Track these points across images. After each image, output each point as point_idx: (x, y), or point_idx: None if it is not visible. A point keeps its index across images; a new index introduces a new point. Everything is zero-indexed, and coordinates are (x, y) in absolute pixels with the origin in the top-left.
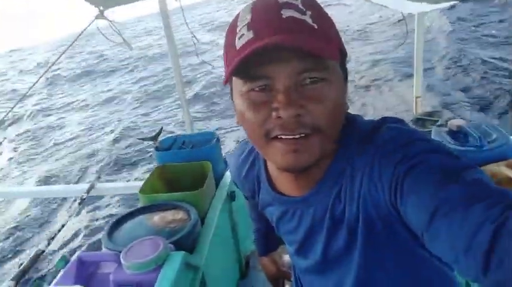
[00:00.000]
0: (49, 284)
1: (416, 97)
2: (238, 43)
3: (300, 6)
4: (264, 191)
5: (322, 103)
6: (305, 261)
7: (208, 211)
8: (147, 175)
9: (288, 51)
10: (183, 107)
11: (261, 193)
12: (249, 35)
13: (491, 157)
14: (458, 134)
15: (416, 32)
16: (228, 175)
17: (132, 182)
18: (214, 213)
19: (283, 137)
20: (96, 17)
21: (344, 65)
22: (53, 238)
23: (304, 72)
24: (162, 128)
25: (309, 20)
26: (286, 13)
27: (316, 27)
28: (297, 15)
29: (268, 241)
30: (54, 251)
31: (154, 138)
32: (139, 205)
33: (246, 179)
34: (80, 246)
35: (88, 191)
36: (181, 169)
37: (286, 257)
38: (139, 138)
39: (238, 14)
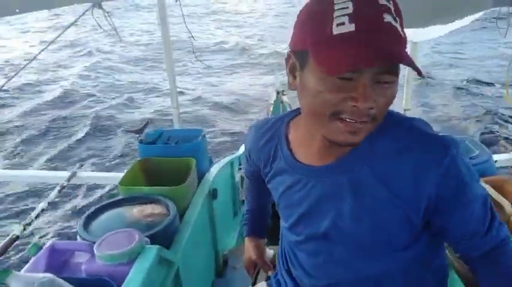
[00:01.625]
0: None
1: (405, 110)
2: (337, 30)
3: (393, 12)
4: (282, 160)
5: (388, 100)
6: (306, 230)
7: (188, 207)
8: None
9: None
10: (172, 102)
11: (276, 162)
12: (350, 27)
13: None
14: None
15: (409, 45)
16: (211, 173)
17: (115, 173)
18: (194, 210)
19: (348, 119)
20: (93, 6)
21: None
22: (28, 224)
23: (384, 73)
24: (148, 121)
25: (399, 29)
26: (387, 18)
27: (403, 35)
28: (393, 22)
29: (257, 224)
30: (29, 238)
31: (140, 131)
32: (119, 196)
33: (262, 149)
34: (56, 234)
35: (69, 179)
36: (164, 164)
37: (269, 252)
38: (125, 130)
39: None
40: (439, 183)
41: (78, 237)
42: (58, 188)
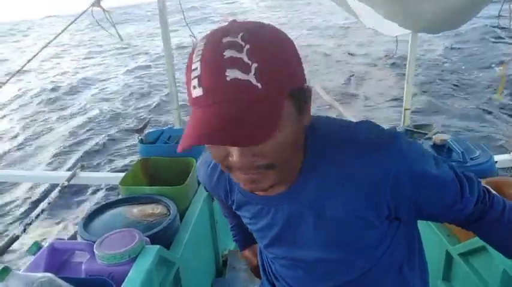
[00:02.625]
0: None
1: (406, 109)
2: (194, 93)
3: (246, 58)
4: (239, 192)
5: (274, 147)
6: (280, 251)
7: (188, 207)
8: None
9: None
10: (172, 101)
11: (235, 195)
12: (199, 92)
13: (473, 173)
14: (442, 148)
15: (409, 45)
16: None
17: (115, 173)
18: (195, 210)
19: (239, 172)
20: (92, 5)
21: (300, 96)
22: (29, 224)
23: None
24: (148, 120)
25: (253, 80)
26: (231, 74)
27: (260, 86)
28: (241, 76)
29: (246, 235)
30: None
31: (140, 130)
32: (119, 196)
33: (217, 185)
34: (57, 234)
35: (69, 179)
36: (165, 164)
37: None
38: (125, 129)
39: (193, 50)
40: (394, 195)
41: (78, 237)
42: (59, 188)
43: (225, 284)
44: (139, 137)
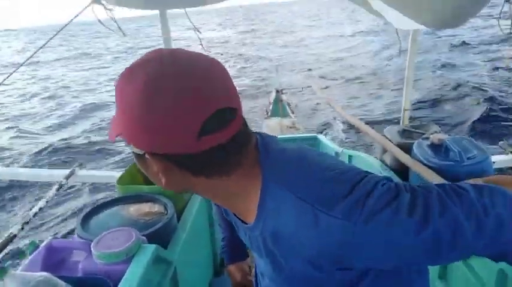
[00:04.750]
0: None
1: (405, 109)
2: None
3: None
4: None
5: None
6: (258, 269)
7: (186, 207)
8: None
9: None
10: None
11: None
12: None
13: (469, 173)
14: (439, 148)
15: (409, 45)
16: None
17: (113, 171)
18: (192, 209)
19: None
20: (92, 2)
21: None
22: (27, 223)
23: None
24: None
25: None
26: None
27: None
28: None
29: (235, 250)
30: (28, 236)
31: None
32: (117, 195)
33: None
34: (54, 232)
35: (67, 178)
36: None
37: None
38: None
39: None
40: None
41: (75, 235)
42: (56, 186)
43: (222, 284)
44: None
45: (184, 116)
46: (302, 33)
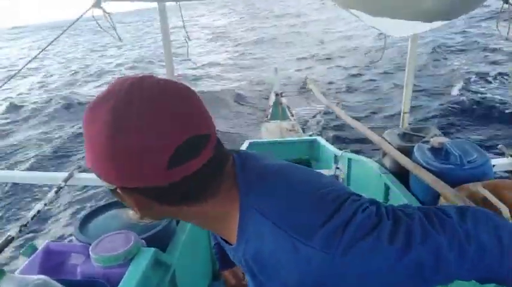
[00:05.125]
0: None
1: (404, 113)
2: None
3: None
4: None
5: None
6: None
7: None
8: None
9: None
10: None
11: None
12: None
13: (470, 176)
14: (439, 152)
15: (409, 48)
16: None
17: None
18: None
19: None
20: (93, 6)
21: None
22: (25, 225)
23: None
24: None
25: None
26: None
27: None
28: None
29: (226, 257)
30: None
31: None
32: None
33: None
34: (53, 235)
35: (66, 180)
36: None
37: None
38: None
39: None
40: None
41: (74, 238)
42: (55, 189)
43: None
44: None
45: (150, 150)
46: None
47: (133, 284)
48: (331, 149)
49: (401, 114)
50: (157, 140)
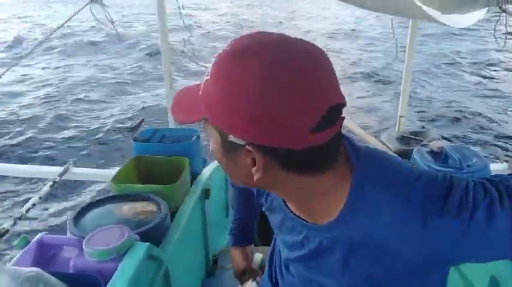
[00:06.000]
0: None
1: (401, 116)
2: None
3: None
4: (275, 201)
5: (214, 154)
6: (301, 267)
7: (180, 206)
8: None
9: None
10: (168, 101)
11: (270, 199)
12: None
13: None
14: (438, 155)
15: (407, 53)
16: (204, 173)
17: (108, 169)
18: (186, 209)
19: None
20: (92, 1)
21: (225, 139)
22: (19, 218)
23: None
24: (143, 119)
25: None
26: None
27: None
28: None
29: (245, 233)
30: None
31: (133, 129)
32: (111, 193)
33: None
34: (47, 229)
35: (61, 175)
36: (158, 162)
37: (257, 256)
38: (118, 127)
39: None
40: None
41: (67, 232)
42: (50, 183)
43: (214, 284)
44: (133, 135)
45: (303, 111)
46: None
47: (126, 278)
48: None
49: (398, 117)
50: (309, 103)
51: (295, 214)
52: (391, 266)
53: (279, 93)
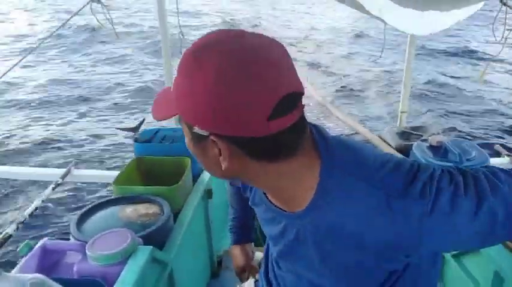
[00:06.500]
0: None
1: (402, 112)
2: None
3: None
4: (257, 194)
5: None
6: (288, 261)
7: (183, 207)
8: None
9: None
10: None
11: (253, 192)
12: None
13: None
14: (438, 150)
15: (407, 47)
16: (206, 173)
17: (109, 171)
18: (189, 210)
19: None
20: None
21: (195, 134)
22: (22, 222)
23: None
24: (144, 119)
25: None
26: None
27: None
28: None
29: (244, 230)
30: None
31: (134, 129)
32: (113, 195)
33: None
34: (50, 233)
35: (63, 177)
36: (160, 163)
37: (258, 255)
38: (118, 128)
39: None
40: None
41: (70, 236)
42: (52, 185)
43: (219, 285)
44: (134, 136)
45: (257, 99)
46: None
47: (131, 282)
48: None
49: (399, 113)
50: (265, 90)
51: (273, 204)
52: (361, 253)
53: (232, 84)
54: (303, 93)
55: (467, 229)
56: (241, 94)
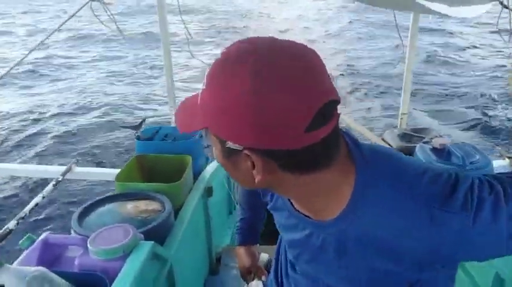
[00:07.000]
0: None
1: (403, 114)
2: None
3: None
4: (280, 199)
5: (217, 159)
6: (306, 265)
7: (183, 204)
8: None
9: None
10: (169, 100)
11: (275, 197)
12: None
13: None
14: (441, 152)
15: (408, 50)
16: (207, 171)
17: (110, 168)
18: (190, 207)
19: None
20: None
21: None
22: (23, 218)
23: None
24: (145, 118)
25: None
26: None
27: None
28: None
29: (251, 232)
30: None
31: (136, 127)
32: (115, 192)
33: None
34: (51, 228)
35: (64, 174)
36: (161, 161)
37: (263, 256)
38: (121, 126)
39: None
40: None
41: (72, 231)
42: (53, 182)
43: (218, 282)
44: (136, 134)
45: (294, 111)
46: None
47: (131, 277)
48: None
49: (400, 115)
50: (302, 101)
51: (299, 211)
52: (393, 263)
53: (269, 96)
54: (339, 102)
55: (508, 238)
56: (280, 104)
